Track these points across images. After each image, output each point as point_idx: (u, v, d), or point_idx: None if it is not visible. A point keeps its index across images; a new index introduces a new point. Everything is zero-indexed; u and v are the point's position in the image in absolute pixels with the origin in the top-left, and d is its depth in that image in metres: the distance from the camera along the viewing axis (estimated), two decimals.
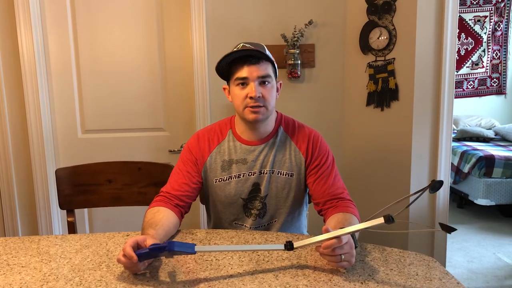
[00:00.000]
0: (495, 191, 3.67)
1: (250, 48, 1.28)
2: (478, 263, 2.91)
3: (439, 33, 2.04)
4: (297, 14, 2.22)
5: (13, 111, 2.20)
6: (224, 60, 1.29)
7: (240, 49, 1.28)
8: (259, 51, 1.28)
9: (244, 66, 1.28)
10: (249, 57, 1.28)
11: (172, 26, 2.23)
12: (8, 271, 1.06)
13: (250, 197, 1.38)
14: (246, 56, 1.28)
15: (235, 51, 1.28)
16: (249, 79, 1.28)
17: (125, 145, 2.30)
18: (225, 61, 1.30)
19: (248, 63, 1.28)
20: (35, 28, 2.12)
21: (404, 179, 2.15)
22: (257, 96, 1.27)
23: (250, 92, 1.28)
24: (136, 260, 0.97)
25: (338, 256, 0.99)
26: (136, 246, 1.01)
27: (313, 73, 2.30)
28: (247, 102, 1.29)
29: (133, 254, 0.97)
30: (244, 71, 1.28)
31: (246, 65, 1.28)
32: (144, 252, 0.99)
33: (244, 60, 1.28)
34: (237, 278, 1.00)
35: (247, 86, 1.29)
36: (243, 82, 1.29)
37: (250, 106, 1.29)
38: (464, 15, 4.88)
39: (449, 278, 0.99)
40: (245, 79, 1.28)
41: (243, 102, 1.30)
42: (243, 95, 1.30)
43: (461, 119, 4.89)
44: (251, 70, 1.28)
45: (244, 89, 1.29)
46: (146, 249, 0.99)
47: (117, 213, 2.18)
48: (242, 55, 1.28)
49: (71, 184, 1.68)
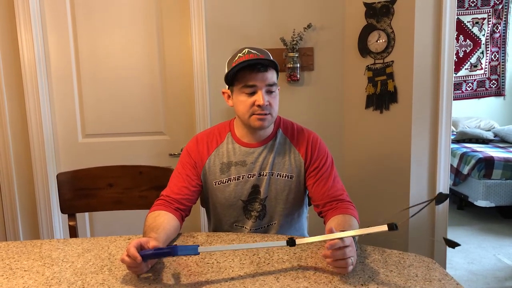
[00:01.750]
0: (495, 193, 3.68)
1: (256, 55, 1.28)
2: (479, 265, 2.91)
3: (437, 36, 2.05)
4: (296, 17, 2.23)
5: (14, 116, 2.21)
6: (235, 67, 1.27)
7: (250, 58, 1.27)
8: (268, 59, 1.27)
9: (252, 74, 1.27)
10: (257, 64, 1.27)
11: (172, 30, 2.24)
12: (11, 275, 1.07)
13: (250, 199, 1.39)
14: (254, 64, 1.28)
15: (247, 60, 1.26)
16: (258, 87, 1.28)
17: (125, 149, 2.31)
18: (236, 68, 1.28)
19: (257, 70, 1.27)
20: (35, 33, 2.13)
21: (404, 181, 2.16)
22: (266, 104, 1.28)
23: (258, 100, 1.28)
24: (140, 260, 0.98)
25: (348, 259, 0.99)
26: (140, 247, 1.02)
27: (312, 76, 2.31)
28: (254, 110, 1.29)
29: (137, 255, 0.98)
30: (253, 79, 1.28)
31: (255, 73, 1.27)
32: (148, 253, 1.00)
33: (252, 67, 1.27)
34: (238, 280, 1.01)
35: (254, 94, 1.29)
36: (252, 90, 1.29)
37: (257, 114, 1.30)
38: (462, 17, 4.90)
39: (448, 279, 1.00)
40: (253, 87, 1.28)
41: (250, 109, 1.30)
42: (249, 102, 1.29)
43: (460, 121, 4.90)
44: (259, 78, 1.27)
45: (251, 97, 1.29)
46: (150, 251, 1.01)
47: (118, 217, 2.18)
48: (252, 63, 1.27)
49: (72, 188, 1.69)
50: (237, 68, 1.27)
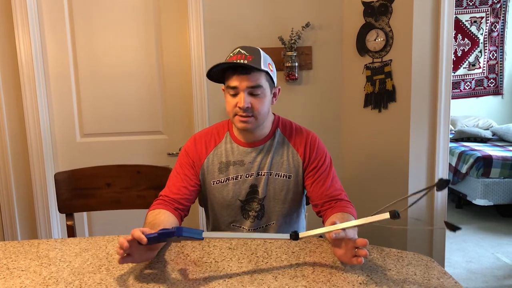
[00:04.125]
0: (493, 191, 3.68)
1: (245, 55, 1.26)
2: (477, 263, 2.92)
3: (436, 35, 2.05)
4: (294, 16, 2.23)
5: (11, 115, 2.20)
6: (212, 70, 1.28)
7: (233, 59, 1.26)
8: (248, 65, 1.24)
9: (234, 76, 1.27)
10: (239, 66, 1.27)
11: (170, 29, 2.24)
12: (8, 275, 1.06)
13: (248, 199, 1.39)
14: (235, 66, 1.27)
15: (223, 63, 1.27)
16: (239, 88, 1.28)
17: (123, 149, 2.31)
18: (216, 70, 1.28)
19: (238, 73, 1.27)
20: (33, 32, 2.12)
21: (402, 179, 2.16)
22: (245, 106, 1.27)
23: (238, 102, 1.27)
24: (146, 241, 0.97)
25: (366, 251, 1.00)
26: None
27: (310, 75, 2.31)
28: (236, 111, 1.30)
29: (142, 236, 0.97)
30: (234, 80, 1.27)
31: (236, 74, 1.27)
32: (153, 235, 0.99)
33: (234, 69, 1.27)
34: (236, 279, 1.01)
35: (237, 95, 1.29)
36: (234, 92, 1.29)
37: (239, 115, 1.30)
38: (461, 16, 4.90)
39: (447, 277, 1.00)
40: (235, 88, 1.28)
41: (233, 110, 1.30)
42: (233, 103, 1.30)
43: (459, 119, 4.90)
44: (241, 79, 1.27)
45: (234, 98, 1.29)
46: (155, 233, 0.99)
47: (116, 216, 2.18)
48: (233, 65, 1.27)
49: (70, 188, 1.69)
50: (217, 69, 1.28)
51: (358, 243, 0.99)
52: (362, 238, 0.99)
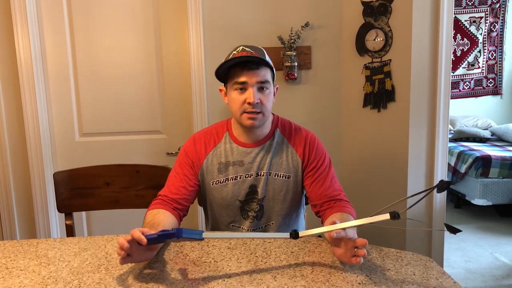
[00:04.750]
0: (492, 191, 3.69)
1: (250, 52, 1.28)
2: (476, 263, 2.92)
3: (435, 34, 2.05)
4: (293, 16, 2.23)
5: (10, 115, 2.20)
6: (224, 65, 1.28)
7: (241, 55, 1.27)
8: (259, 57, 1.27)
9: (244, 71, 1.27)
10: (248, 62, 1.27)
11: (169, 29, 2.24)
12: (7, 275, 1.06)
13: (247, 199, 1.39)
14: (245, 61, 1.28)
15: (236, 57, 1.27)
16: (248, 84, 1.28)
17: (122, 148, 2.31)
18: (225, 66, 1.29)
19: (248, 68, 1.27)
20: (32, 32, 2.12)
21: (401, 179, 2.16)
22: (256, 102, 1.27)
23: (248, 97, 1.27)
24: (146, 242, 0.97)
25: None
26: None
27: (309, 75, 2.31)
28: (245, 108, 1.29)
29: (142, 237, 0.97)
30: (243, 76, 1.27)
31: (246, 70, 1.27)
32: (153, 236, 0.99)
33: (243, 64, 1.27)
34: (236, 279, 1.01)
35: (245, 91, 1.29)
36: (242, 87, 1.29)
37: (247, 112, 1.29)
38: (460, 16, 4.90)
39: (446, 277, 1.00)
40: (244, 83, 1.28)
41: (241, 107, 1.30)
42: (241, 100, 1.29)
43: (458, 119, 4.91)
44: (250, 75, 1.27)
45: (242, 94, 1.29)
46: (154, 234, 0.99)
47: (115, 216, 2.18)
48: (243, 60, 1.27)
49: (69, 188, 1.68)
50: (227, 65, 1.28)
51: (357, 243, 0.99)
52: (362, 238, 0.99)
